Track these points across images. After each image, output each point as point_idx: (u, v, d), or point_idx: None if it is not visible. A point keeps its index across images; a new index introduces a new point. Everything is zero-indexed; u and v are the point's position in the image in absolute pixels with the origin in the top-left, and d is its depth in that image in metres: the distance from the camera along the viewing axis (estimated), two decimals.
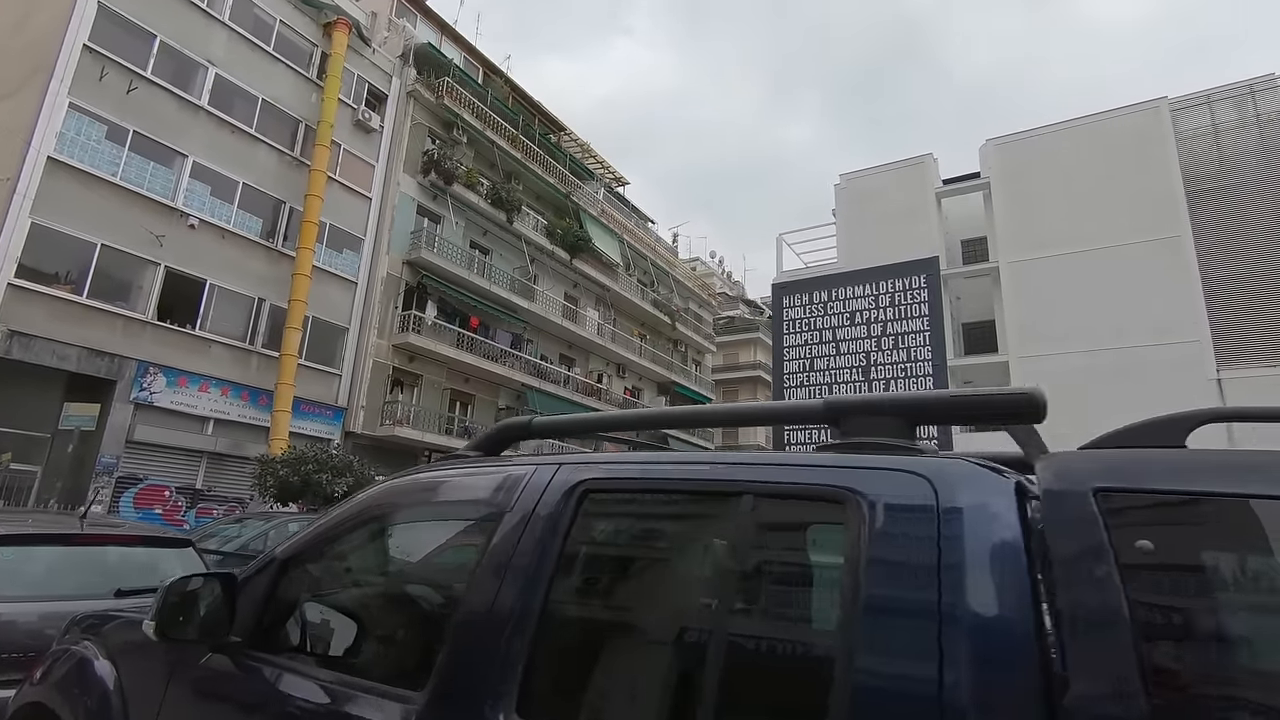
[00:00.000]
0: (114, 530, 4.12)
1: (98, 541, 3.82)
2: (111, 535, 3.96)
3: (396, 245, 23.33)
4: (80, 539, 3.77)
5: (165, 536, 4.26)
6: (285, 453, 14.27)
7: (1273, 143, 21.78)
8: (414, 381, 23.90)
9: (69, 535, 3.73)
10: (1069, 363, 22.25)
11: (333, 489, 13.09)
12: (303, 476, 13.12)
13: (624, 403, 33.80)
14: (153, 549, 4.12)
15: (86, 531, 3.82)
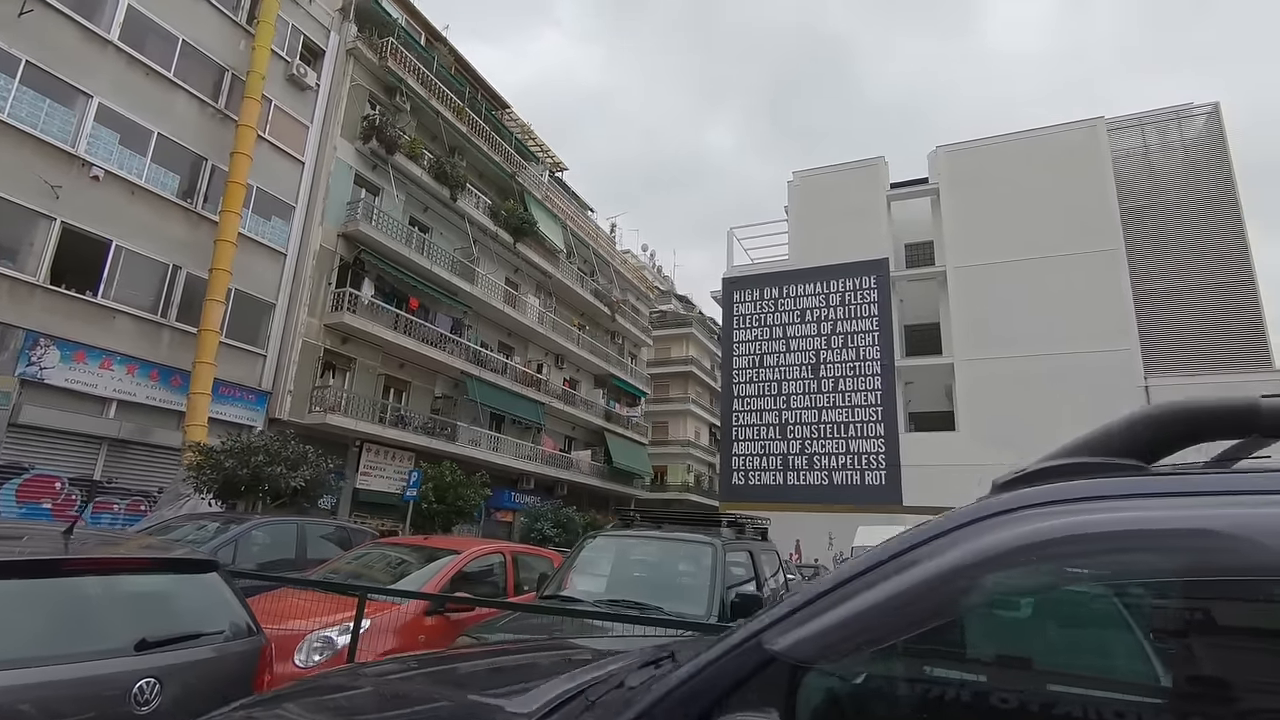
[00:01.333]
0: (117, 550, 2.91)
1: (99, 568, 2.64)
2: (118, 559, 2.76)
3: (331, 216, 21.34)
4: (74, 565, 2.59)
5: (190, 558, 3.09)
6: (228, 441, 12.43)
7: (1198, 166, 23.28)
8: (347, 365, 22.00)
9: (56, 561, 2.54)
10: (1011, 366, 23.05)
11: (287, 483, 11.48)
12: (252, 469, 11.41)
13: (563, 394, 32.68)
14: (170, 575, 2.96)
15: (80, 555, 2.64)
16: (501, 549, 6.56)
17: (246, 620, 3.14)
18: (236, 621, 3.09)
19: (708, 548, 5.42)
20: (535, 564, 7.03)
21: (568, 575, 5.50)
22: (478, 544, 6.53)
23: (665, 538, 5.79)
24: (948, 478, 23.27)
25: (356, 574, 5.88)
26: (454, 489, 18.16)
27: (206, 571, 3.11)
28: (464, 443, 25.21)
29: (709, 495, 48.92)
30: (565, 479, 31.64)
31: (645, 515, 6.46)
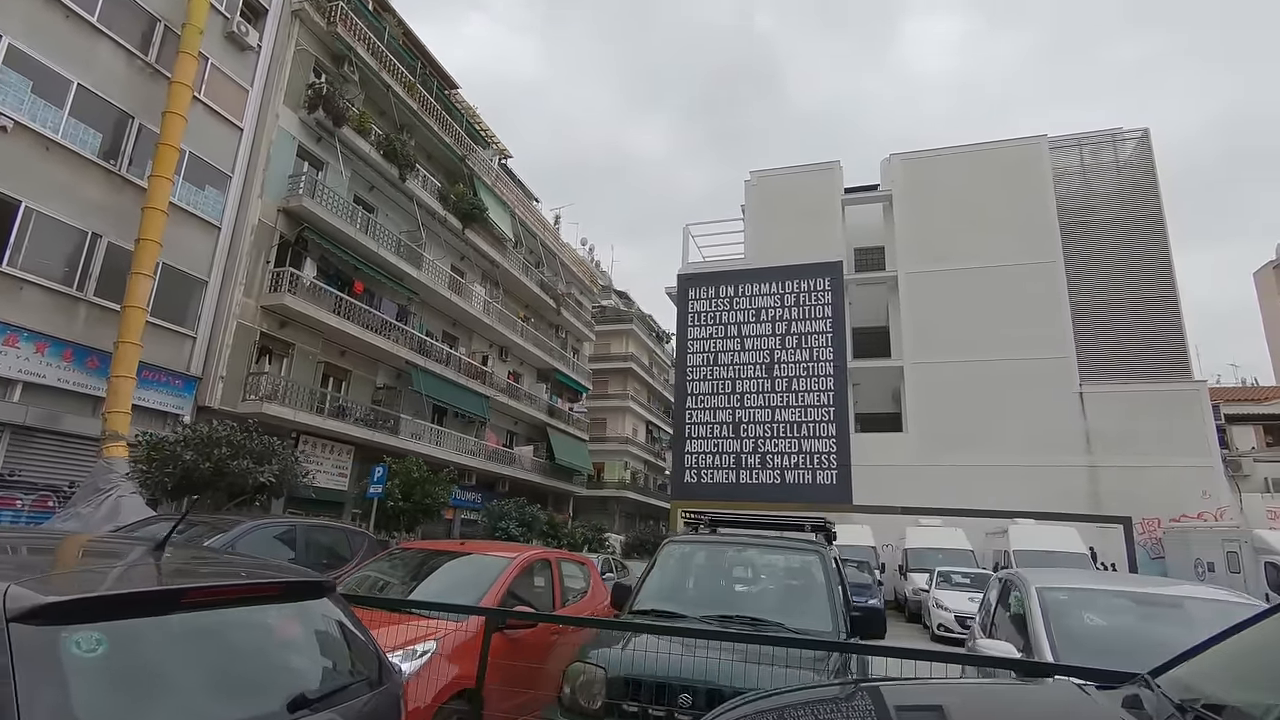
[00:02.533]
0: (232, 573, 2.17)
1: (218, 598, 1.94)
2: (236, 587, 2.03)
3: (272, 189, 19.74)
4: (195, 596, 1.88)
5: (304, 580, 2.37)
6: (183, 432, 11.00)
7: (1129, 187, 24.74)
8: (284, 351, 20.41)
9: (174, 592, 1.83)
10: (958, 370, 23.83)
11: (254, 478, 10.27)
12: (215, 463, 10.11)
13: (507, 388, 31.65)
14: (286, 604, 2.26)
15: (200, 583, 1.93)
16: (545, 554, 5.93)
17: (376, 654, 2.50)
18: (368, 658, 2.44)
19: (815, 555, 5.00)
20: (576, 570, 6.43)
21: (653, 586, 4.95)
22: (516, 549, 5.87)
23: (765, 544, 5.33)
24: (896, 478, 23.86)
25: (392, 585, 5.13)
26: (421, 486, 17.06)
27: (319, 596, 2.44)
28: (406, 436, 23.95)
29: (646, 493, 48.79)
30: (507, 475, 30.65)
31: (716, 521, 5.98)
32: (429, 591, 4.95)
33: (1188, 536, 20.09)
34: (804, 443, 25.11)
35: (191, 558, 2.33)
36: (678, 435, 27.41)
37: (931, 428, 24.08)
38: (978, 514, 21.44)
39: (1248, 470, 23.26)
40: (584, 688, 3.58)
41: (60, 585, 1.74)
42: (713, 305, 27.10)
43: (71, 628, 1.63)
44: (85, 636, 1.64)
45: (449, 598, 4.75)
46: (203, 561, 2.31)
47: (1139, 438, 22.18)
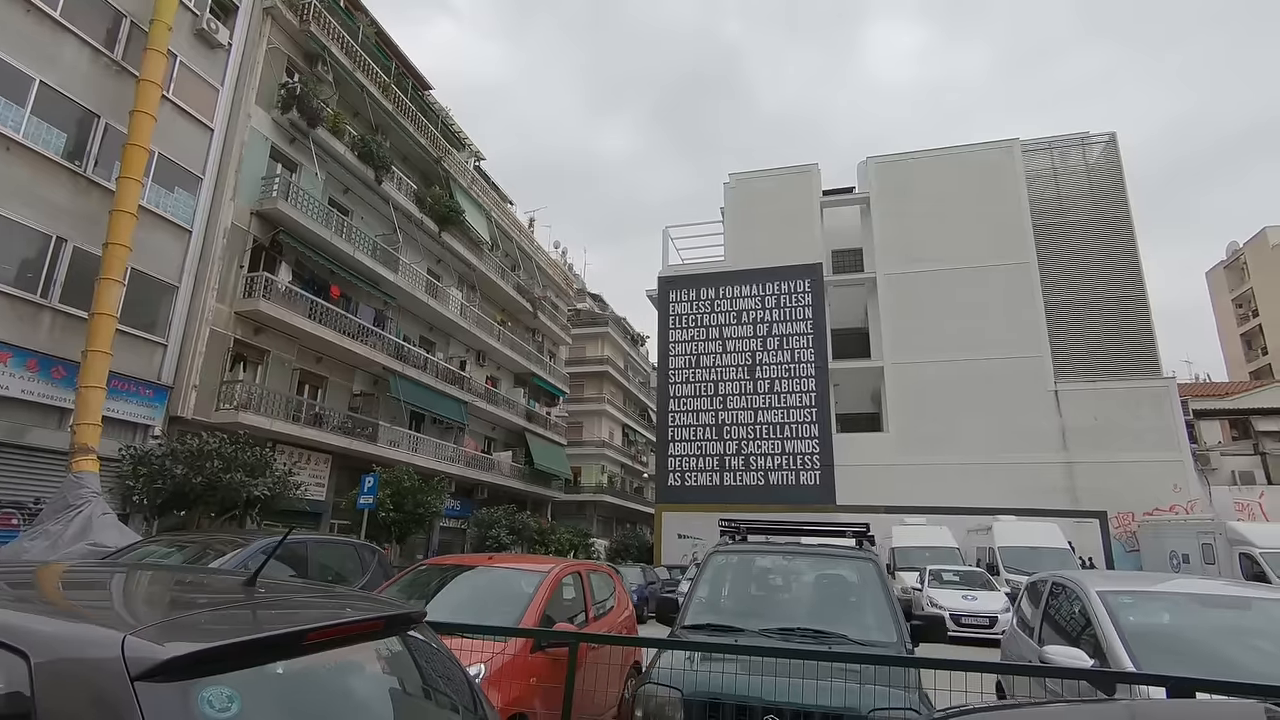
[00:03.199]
0: (338, 608, 1.96)
1: (337, 637, 1.77)
2: (355, 623, 1.84)
3: (245, 192, 19.14)
4: (315, 637, 1.70)
5: (404, 612, 2.17)
6: (170, 445, 10.45)
7: (1099, 189, 25.38)
8: (259, 358, 19.79)
9: (298, 634, 1.64)
10: (937, 370, 24.17)
11: (249, 493, 9.81)
12: (207, 477, 9.62)
13: (485, 393, 31.20)
14: (390, 638, 2.09)
15: (320, 622, 1.76)
16: (576, 567, 5.73)
17: (469, 684, 2.33)
18: (463, 689, 2.28)
19: (870, 563, 4.90)
20: (603, 582, 6.24)
21: (704, 599, 4.80)
22: (546, 562, 5.65)
23: (817, 553, 5.20)
24: (877, 477, 24.09)
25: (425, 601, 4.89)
26: (412, 495, 16.61)
27: (413, 626, 2.26)
28: (384, 444, 23.41)
29: (623, 496, 48.58)
30: (486, 481, 30.21)
31: (753, 529, 5.84)
32: (467, 611, 4.72)
33: (1161, 529, 20.61)
34: (787, 444, 25.20)
35: (287, 591, 2.12)
36: (661, 439, 27.30)
37: (911, 427, 24.38)
38: (958, 511, 21.75)
39: (1215, 463, 24.01)
40: (658, 711, 3.42)
41: (180, 633, 1.53)
42: (694, 308, 27.06)
43: (202, 682, 1.43)
44: (217, 693, 1.45)
45: (488, 616, 4.54)
46: (299, 595, 2.10)
47: (1112, 434, 22.74)
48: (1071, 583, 4.58)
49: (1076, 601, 4.37)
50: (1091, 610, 3.99)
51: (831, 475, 24.72)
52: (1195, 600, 4.12)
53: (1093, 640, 3.87)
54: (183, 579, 2.24)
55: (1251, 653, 3.59)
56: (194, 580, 2.23)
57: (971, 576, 16.27)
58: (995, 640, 13.81)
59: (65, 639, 1.43)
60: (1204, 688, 2.37)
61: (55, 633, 1.45)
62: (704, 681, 3.38)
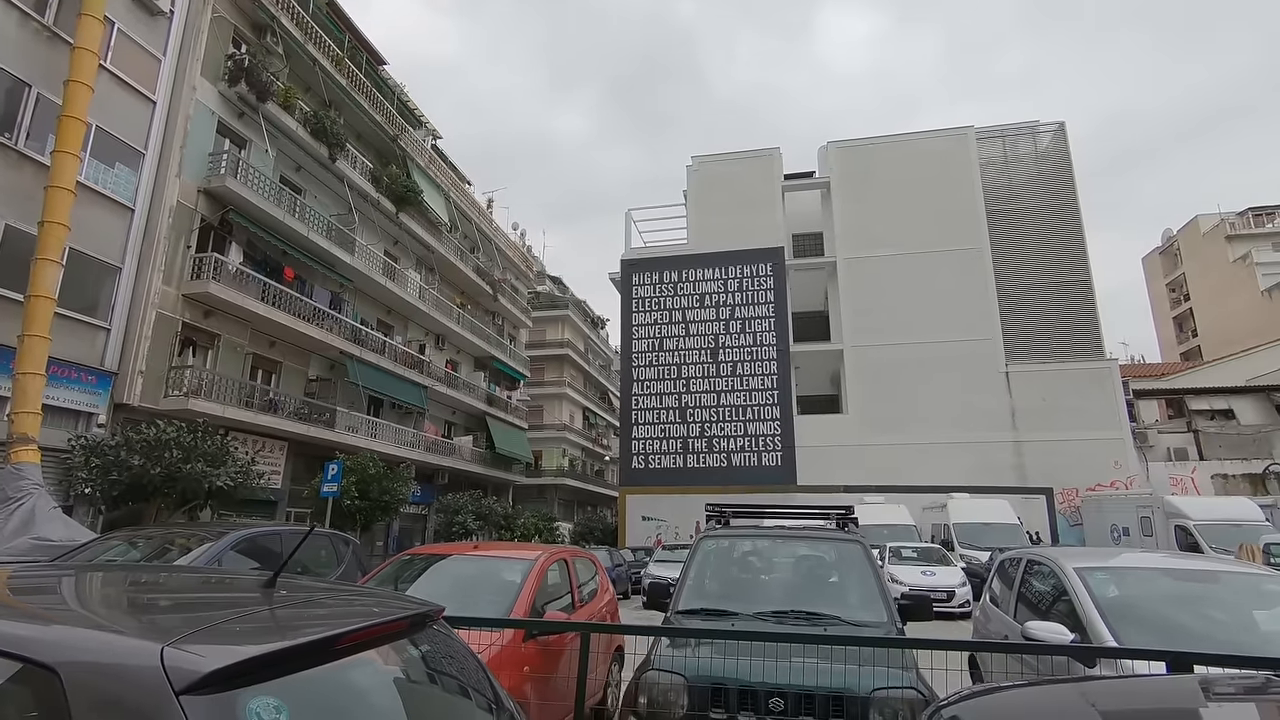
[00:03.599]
0: (364, 609, 1.90)
1: (366, 639, 1.74)
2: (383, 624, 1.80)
3: (191, 169, 18.30)
4: (346, 641, 1.65)
5: (422, 610, 2.13)
6: (126, 434, 9.88)
7: (1048, 177, 26.15)
8: (209, 342, 19.07)
9: (331, 639, 1.58)
10: (894, 353, 24.72)
11: (210, 483, 9.41)
12: (166, 467, 9.16)
13: (445, 377, 30.72)
14: (416, 635, 2.05)
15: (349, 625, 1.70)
16: (561, 554, 5.69)
17: (489, 680, 2.30)
18: (485, 685, 2.24)
19: (857, 545, 4.99)
20: (586, 567, 6.21)
21: (697, 584, 4.81)
22: (532, 549, 5.60)
23: (805, 536, 5.27)
24: (837, 458, 24.62)
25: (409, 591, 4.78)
26: (378, 482, 16.25)
27: (432, 623, 2.21)
28: (342, 429, 22.87)
29: (584, 479, 48.61)
30: (447, 466, 29.84)
31: (739, 512, 5.88)
32: (454, 601, 4.63)
33: (1103, 504, 21.60)
34: (749, 425, 25.53)
35: (310, 592, 2.03)
36: (624, 421, 27.33)
37: (870, 408, 24.96)
38: (915, 489, 22.37)
39: (1153, 441, 25.25)
40: (662, 697, 3.43)
41: (219, 641, 1.46)
42: (657, 290, 27.06)
43: (247, 693, 1.37)
44: (264, 703, 1.38)
45: (477, 606, 4.48)
46: (324, 596, 2.02)
47: (1059, 413, 23.67)
48: (1047, 560, 4.76)
49: (1051, 578, 4.54)
50: (1070, 586, 4.16)
51: (793, 456, 25.16)
52: (1167, 575, 4.33)
53: (1070, 615, 4.03)
54: (199, 581, 2.13)
55: (1220, 625, 3.79)
56: (212, 582, 2.12)
57: (929, 553, 16.81)
58: (953, 614, 14.33)
59: (98, 652, 1.35)
60: (1203, 661, 2.50)
61: (86, 645, 1.36)
62: (706, 666, 3.40)
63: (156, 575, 2.15)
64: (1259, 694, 2.05)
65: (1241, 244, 49.19)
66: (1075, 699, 1.98)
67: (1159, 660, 2.62)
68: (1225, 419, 25.48)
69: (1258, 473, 23.20)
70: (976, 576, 14.63)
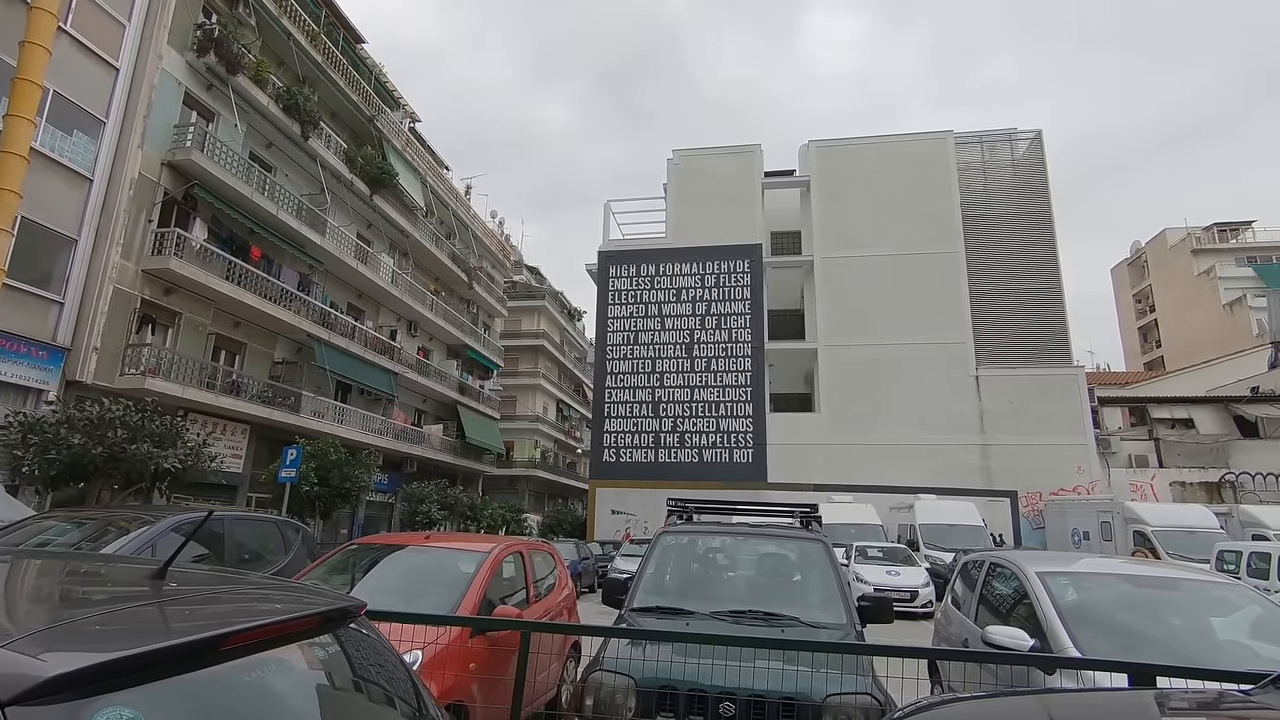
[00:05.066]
0: (266, 606, 1.71)
1: (263, 639, 1.54)
2: (283, 623, 1.62)
3: (154, 140, 17.68)
4: (236, 641, 1.48)
5: (340, 608, 1.94)
6: (66, 412, 9.40)
7: (1024, 184, 26.44)
8: (170, 321, 18.51)
9: (213, 639, 1.39)
10: (868, 353, 24.85)
11: (158, 465, 9.01)
12: (109, 447, 8.74)
13: (417, 364, 30.24)
14: (327, 635, 1.85)
15: (241, 624, 1.51)
16: (516, 546, 5.50)
17: (411, 680, 2.13)
18: (406, 687, 2.07)
19: (819, 544, 4.87)
20: (543, 561, 6.03)
21: (653, 581, 4.66)
22: (485, 541, 5.40)
23: (766, 534, 5.14)
24: (808, 456, 24.71)
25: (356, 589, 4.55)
26: (339, 469, 15.87)
27: (351, 620, 2.03)
28: (308, 414, 22.38)
29: (556, 472, 48.36)
30: (416, 455, 29.41)
31: (702, 508, 5.74)
32: (401, 594, 4.44)
33: (1065, 508, 21.95)
34: (722, 422, 25.51)
35: (203, 583, 1.83)
36: (597, 414, 27.16)
37: (842, 408, 25.08)
38: (883, 489, 22.50)
39: (1115, 447, 25.74)
40: (608, 699, 3.29)
41: (68, 642, 1.27)
42: (634, 284, 26.88)
43: (96, 702, 1.19)
44: (116, 714, 1.20)
45: (424, 599, 4.29)
46: (218, 588, 1.83)
47: (1025, 418, 24.00)
48: (1009, 563, 4.70)
49: (1013, 581, 4.48)
50: (1032, 591, 4.10)
51: (764, 453, 25.20)
52: (1128, 581, 4.29)
53: (1031, 620, 3.97)
54: (77, 570, 1.92)
55: (1178, 632, 3.76)
56: (91, 571, 1.91)
57: (894, 552, 16.90)
58: (916, 613, 14.41)
59: None
60: (1165, 673, 2.42)
61: None
62: (656, 668, 3.25)
63: (33, 563, 1.94)
64: (1212, 710, 1.99)
65: (1206, 258, 50.38)
66: (1035, 712, 1.88)
67: (1121, 672, 2.55)
68: (1185, 428, 26.07)
69: (1214, 481, 23.75)
70: (940, 577, 14.72)
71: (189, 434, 10.62)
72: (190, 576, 1.86)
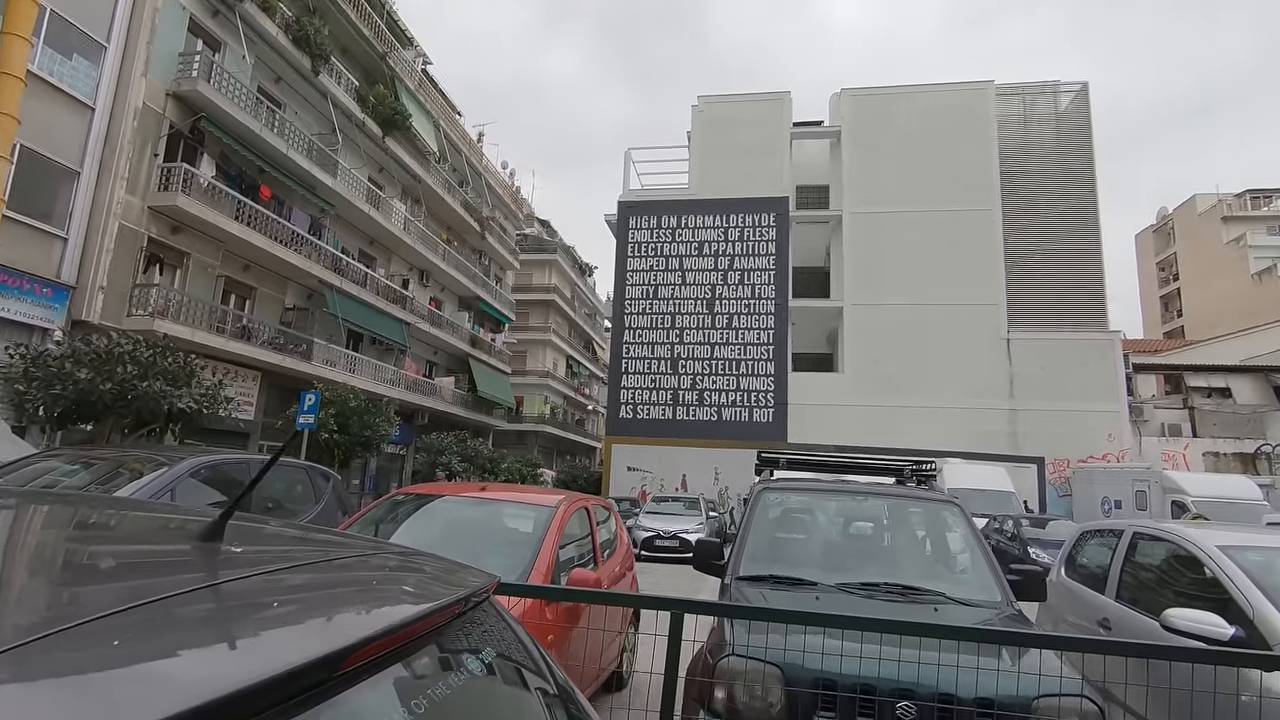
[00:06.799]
0: (387, 587, 1.10)
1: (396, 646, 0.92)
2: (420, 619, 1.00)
3: (158, 69, 16.71)
4: (361, 658, 0.85)
5: (482, 589, 1.30)
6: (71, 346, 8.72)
7: (1065, 139, 25.19)
8: (178, 261, 17.80)
9: (328, 660, 0.79)
10: (895, 313, 24.04)
11: (172, 405, 8.42)
12: (118, 384, 8.12)
13: (429, 315, 29.56)
14: (465, 619, 1.23)
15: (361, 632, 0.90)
16: (582, 501, 4.90)
17: (549, 666, 1.50)
18: (547, 674, 1.44)
19: (955, 508, 4.25)
20: (603, 516, 5.44)
21: (761, 546, 4.05)
22: (546, 494, 4.80)
23: (891, 494, 4.51)
24: (832, 416, 24.12)
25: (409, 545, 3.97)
26: (359, 416, 15.31)
27: (485, 599, 1.39)
28: (319, 362, 21.78)
29: (565, 428, 48.04)
30: (427, 407, 28.93)
31: (793, 463, 5.13)
32: (460, 554, 3.86)
33: (1093, 476, 21.39)
34: (742, 380, 24.87)
35: (280, 554, 1.17)
36: (614, 369, 26.52)
37: (866, 368, 24.37)
38: (907, 453, 21.86)
39: (1148, 416, 25.08)
40: (749, 693, 2.68)
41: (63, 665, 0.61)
42: (654, 236, 25.96)
43: None
44: None
45: (488, 561, 3.70)
46: (305, 558, 1.17)
47: (1057, 383, 23.28)
48: (1170, 534, 4.07)
49: (1180, 556, 3.86)
50: (1217, 568, 3.48)
51: (785, 413, 24.61)
52: None
53: (1221, 603, 3.36)
54: (91, 525, 1.24)
55: None
56: (111, 529, 1.22)
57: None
58: None
59: None
60: None
61: None
62: (804, 657, 2.61)
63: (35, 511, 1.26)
64: None
65: (1237, 225, 48.91)
66: None
67: None
68: (1222, 397, 25.34)
69: (1249, 452, 23.13)
70: None
71: (204, 375, 9.98)
72: (257, 534, 1.19)
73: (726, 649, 2.78)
